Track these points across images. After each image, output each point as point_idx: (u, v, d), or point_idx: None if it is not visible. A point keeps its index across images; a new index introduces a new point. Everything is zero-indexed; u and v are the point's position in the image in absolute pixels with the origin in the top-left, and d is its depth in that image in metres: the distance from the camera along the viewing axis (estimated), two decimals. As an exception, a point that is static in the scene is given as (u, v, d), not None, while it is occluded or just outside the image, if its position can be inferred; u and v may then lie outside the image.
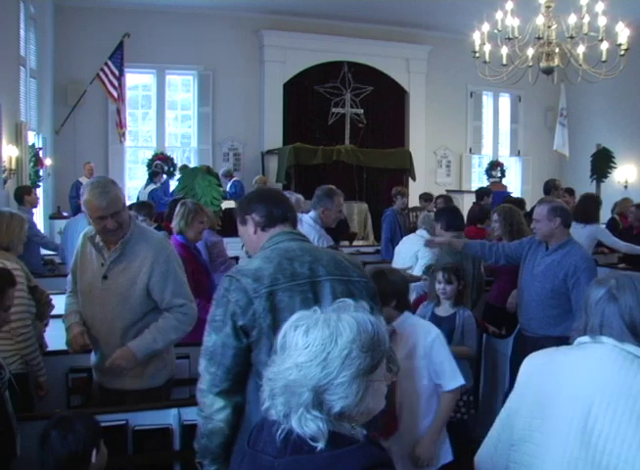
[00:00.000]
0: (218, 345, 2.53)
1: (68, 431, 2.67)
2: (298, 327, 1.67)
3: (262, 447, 1.70)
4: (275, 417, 1.66)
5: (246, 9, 14.47)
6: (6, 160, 7.95)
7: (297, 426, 1.61)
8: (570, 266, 4.70)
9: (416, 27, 15.62)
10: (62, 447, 2.64)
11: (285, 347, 1.67)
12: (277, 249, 2.67)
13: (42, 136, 11.70)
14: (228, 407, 2.55)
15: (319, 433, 1.60)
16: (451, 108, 16.74)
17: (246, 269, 2.60)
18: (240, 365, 2.53)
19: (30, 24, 10.67)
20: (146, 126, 15.66)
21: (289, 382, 1.61)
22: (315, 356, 1.60)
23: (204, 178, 10.84)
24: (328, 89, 15.38)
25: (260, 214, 2.78)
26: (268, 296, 2.51)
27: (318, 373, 1.59)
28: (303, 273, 2.58)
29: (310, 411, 1.60)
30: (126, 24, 13.79)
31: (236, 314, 2.50)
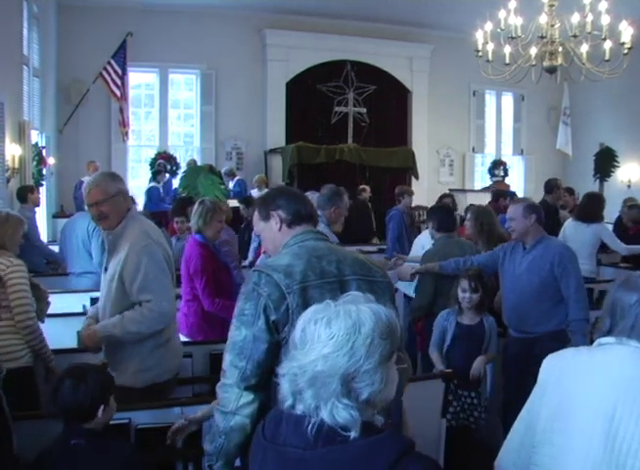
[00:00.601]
0: (249, 339, 2.49)
1: (80, 382, 2.79)
2: (318, 320, 1.71)
3: (285, 441, 1.72)
4: (302, 412, 1.70)
5: (248, 8, 14.46)
6: (9, 159, 7.96)
7: (328, 417, 1.65)
8: (554, 256, 4.77)
9: (419, 26, 15.60)
10: (71, 398, 2.77)
11: (305, 340, 1.71)
12: (304, 246, 2.67)
13: (45, 135, 11.71)
14: (256, 402, 2.51)
15: (352, 421, 1.64)
16: (454, 107, 16.73)
17: (276, 264, 2.58)
18: (270, 360, 2.49)
19: (33, 23, 10.67)
20: (149, 125, 15.66)
21: (316, 374, 1.65)
22: (341, 346, 1.65)
23: (206, 177, 10.87)
24: (331, 88, 15.37)
25: (287, 211, 2.76)
26: (301, 292, 2.49)
27: (345, 362, 1.64)
28: (332, 272, 2.59)
29: (341, 400, 1.64)
30: (129, 23, 13.79)
31: (268, 308, 2.48)
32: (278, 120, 15.18)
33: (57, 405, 2.82)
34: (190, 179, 10.81)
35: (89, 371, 2.88)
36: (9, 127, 7.83)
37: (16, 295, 3.93)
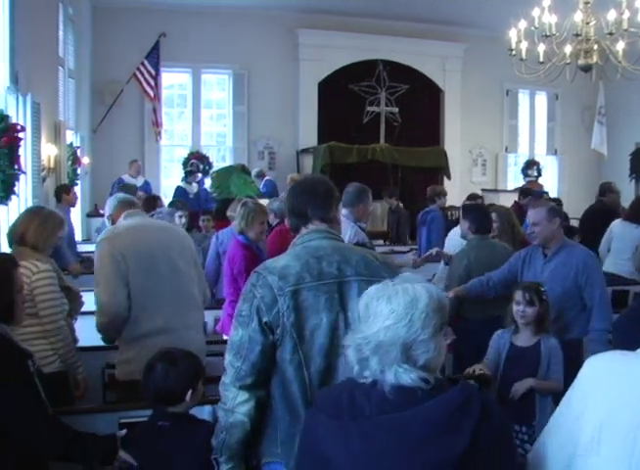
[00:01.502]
0: (245, 340, 2.55)
1: (172, 367, 2.97)
2: (380, 298, 1.93)
3: (370, 412, 1.88)
4: (366, 377, 1.92)
5: (281, 7, 14.49)
6: (45, 158, 8.05)
7: (394, 379, 1.88)
8: (578, 264, 4.62)
9: (452, 25, 15.48)
10: (162, 381, 2.95)
11: (369, 315, 1.93)
12: (307, 247, 2.67)
13: (80, 135, 11.83)
14: (251, 401, 2.58)
15: (415, 382, 1.87)
16: (487, 106, 16.59)
17: (273, 266, 2.62)
18: (265, 361, 2.56)
19: (69, 25, 10.79)
20: (181, 125, 15.75)
21: (379, 343, 1.88)
22: (401, 319, 1.88)
23: (239, 177, 10.91)
24: (363, 88, 15.33)
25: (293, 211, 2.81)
26: (292, 294, 2.52)
27: (405, 332, 1.87)
28: (331, 273, 2.58)
29: (402, 365, 1.87)
30: (162, 24, 13.90)
31: (261, 310, 2.53)
32: (310, 120, 15.18)
33: (147, 389, 2.99)
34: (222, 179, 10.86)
35: (180, 356, 3.04)
36: (45, 127, 7.92)
37: (43, 304, 3.86)
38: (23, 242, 4.05)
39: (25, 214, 4.27)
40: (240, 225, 5.38)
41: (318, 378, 2.55)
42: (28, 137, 6.65)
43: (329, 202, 2.78)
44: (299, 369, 2.54)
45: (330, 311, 2.55)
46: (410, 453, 1.80)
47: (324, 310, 2.54)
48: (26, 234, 4.06)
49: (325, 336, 2.54)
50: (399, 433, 1.82)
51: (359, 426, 1.86)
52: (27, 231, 4.07)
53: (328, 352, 2.54)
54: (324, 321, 2.54)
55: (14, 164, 5.39)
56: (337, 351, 2.54)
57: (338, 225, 2.83)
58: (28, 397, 2.70)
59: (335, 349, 2.54)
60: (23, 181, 6.40)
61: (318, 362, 2.55)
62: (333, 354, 2.55)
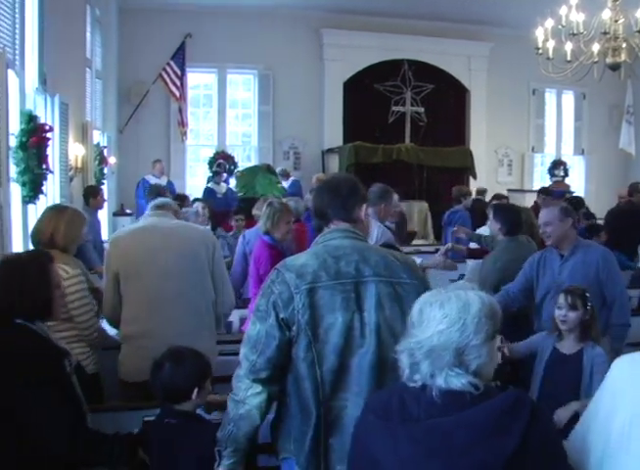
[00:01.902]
0: (262, 334, 2.58)
1: (178, 366, 2.99)
2: (433, 303, 1.96)
3: (419, 415, 1.91)
4: (416, 381, 1.94)
5: (305, 7, 14.50)
6: (72, 158, 8.12)
7: (443, 383, 1.90)
8: (598, 260, 4.59)
9: (477, 24, 15.40)
10: (169, 379, 2.97)
11: (422, 320, 1.96)
12: (327, 246, 2.69)
13: (107, 135, 11.93)
14: (263, 394, 2.61)
15: (467, 387, 1.88)
16: (513, 106, 16.47)
17: (291, 264, 2.64)
18: (281, 357, 2.59)
19: (96, 27, 10.88)
20: (207, 125, 15.82)
21: (432, 347, 1.90)
22: (454, 323, 1.90)
23: (264, 176, 10.94)
24: (388, 87, 15.31)
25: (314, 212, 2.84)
26: (308, 292, 2.54)
27: (457, 337, 1.89)
28: (349, 273, 2.59)
29: (454, 369, 1.89)
30: (188, 25, 13.97)
31: (278, 306, 2.55)
32: (335, 120, 15.18)
33: (155, 386, 3.02)
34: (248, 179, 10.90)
35: (187, 355, 3.05)
36: (72, 127, 7.99)
37: (77, 310, 3.81)
38: (53, 244, 3.94)
39: (51, 215, 4.10)
40: (265, 225, 5.38)
41: (331, 377, 2.56)
42: (56, 137, 6.71)
43: (352, 202, 2.76)
44: (312, 367, 2.56)
45: (346, 311, 2.55)
46: (457, 457, 1.81)
47: (340, 310, 2.55)
48: (56, 235, 3.96)
49: (339, 335, 2.55)
50: (447, 437, 1.83)
51: (408, 429, 1.89)
52: (57, 232, 3.97)
53: (342, 351, 2.55)
54: (339, 320, 2.55)
55: (42, 163, 5.44)
56: (351, 350, 2.56)
57: (362, 225, 2.80)
58: (55, 398, 2.68)
59: (349, 348, 2.55)
60: (51, 181, 6.46)
61: (331, 361, 2.55)
62: (347, 354, 2.56)
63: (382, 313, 2.57)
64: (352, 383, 2.57)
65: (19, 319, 2.77)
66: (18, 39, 5.60)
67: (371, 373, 2.55)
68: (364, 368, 2.55)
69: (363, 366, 2.55)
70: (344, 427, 2.55)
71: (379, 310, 2.56)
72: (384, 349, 2.54)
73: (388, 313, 2.57)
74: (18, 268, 2.85)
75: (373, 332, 2.55)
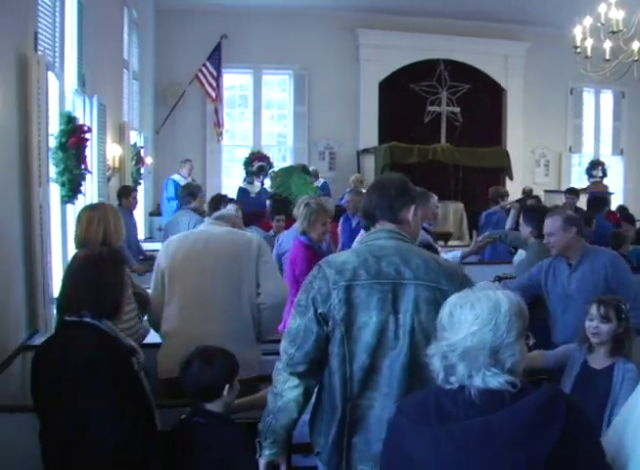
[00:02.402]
0: (301, 328, 2.63)
1: (208, 365, 3.01)
2: (463, 305, 1.98)
3: (458, 416, 1.91)
4: (452, 384, 1.95)
5: (341, 8, 14.48)
6: (110, 158, 8.21)
7: (481, 383, 1.92)
8: (606, 267, 4.49)
9: (514, 23, 15.24)
10: (199, 378, 2.99)
11: (453, 322, 1.97)
12: (371, 245, 2.71)
13: (143, 135, 12.03)
14: (300, 387, 2.66)
15: (503, 386, 1.90)
16: (550, 105, 16.28)
17: (333, 260, 2.70)
18: (318, 351, 2.63)
19: (133, 29, 10.99)
20: (242, 125, 15.89)
21: (467, 348, 1.92)
22: (486, 324, 1.92)
23: (299, 177, 10.95)
24: (424, 87, 15.24)
25: (362, 213, 2.87)
26: (345, 289, 2.58)
27: (491, 337, 1.91)
28: (389, 274, 2.59)
29: (490, 369, 1.91)
30: (224, 26, 14.03)
31: (317, 301, 2.60)
32: (371, 120, 15.15)
33: (185, 385, 3.04)
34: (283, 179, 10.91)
35: (216, 354, 3.07)
36: (110, 128, 8.07)
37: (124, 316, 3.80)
38: (107, 244, 3.97)
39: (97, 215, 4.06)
40: (302, 226, 5.40)
41: (360, 375, 2.58)
42: (94, 138, 6.79)
43: (399, 203, 2.76)
44: (343, 363, 2.59)
45: (381, 311, 2.57)
46: (499, 455, 1.83)
47: (375, 309, 2.57)
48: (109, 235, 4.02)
49: (372, 335, 2.57)
50: (488, 435, 1.84)
51: (448, 429, 1.89)
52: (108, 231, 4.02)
53: (373, 350, 2.57)
54: (373, 320, 2.56)
55: (80, 163, 5.50)
56: (383, 351, 2.57)
57: (408, 227, 2.79)
58: (118, 397, 2.69)
59: (381, 348, 2.57)
60: (89, 181, 6.53)
61: (362, 360, 2.58)
62: (378, 354, 2.57)
63: (417, 317, 2.56)
64: (382, 384, 2.58)
65: (87, 317, 2.80)
66: (57, 42, 5.66)
67: (402, 375, 2.55)
68: (395, 370, 2.56)
69: (395, 368, 2.56)
70: (370, 427, 2.58)
71: (415, 313, 2.56)
72: (416, 352, 2.53)
73: (423, 317, 2.56)
74: (94, 266, 2.89)
75: (407, 334, 2.55)
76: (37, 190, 4.51)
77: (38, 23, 4.95)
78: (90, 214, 4.07)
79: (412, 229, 2.83)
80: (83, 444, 2.67)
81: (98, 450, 2.67)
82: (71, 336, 2.79)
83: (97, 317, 2.81)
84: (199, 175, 13.74)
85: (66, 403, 2.69)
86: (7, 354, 4.03)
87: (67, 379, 2.69)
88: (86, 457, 2.68)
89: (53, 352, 2.79)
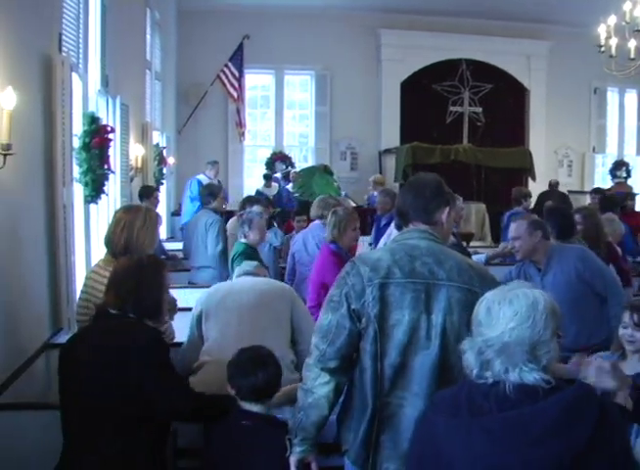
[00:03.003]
0: (333, 324, 2.63)
1: (258, 367, 3.02)
2: (501, 301, 2.01)
3: (490, 409, 1.94)
4: (486, 379, 1.97)
5: (362, 8, 14.49)
6: (133, 158, 8.25)
7: (516, 379, 1.93)
8: (576, 264, 4.49)
9: (537, 22, 15.17)
10: (263, 380, 3.01)
11: (491, 318, 2.00)
12: (404, 244, 2.71)
13: (166, 136, 12.09)
14: (331, 383, 2.65)
15: (538, 381, 1.92)
16: (574, 105, 16.18)
17: (367, 257, 2.71)
18: (350, 347, 2.64)
19: (155, 30, 11.04)
20: (264, 126, 15.95)
21: (504, 344, 1.94)
22: (524, 320, 1.95)
23: (321, 177, 10.97)
24: (446, 88, 15.19)
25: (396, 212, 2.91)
26: (380, 286, 2.58)
27: (529, 333, 1.94)
28: (422, 273, 2.60)
29: (527, 365, 1.93)
30: (245, 27, 14.08)
31: (350, 297, 2.60)
32: (392, 120, 15.15)
33: (235, 387, 3.04)
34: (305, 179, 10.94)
35: (267, 356, 3.11)
36: (133, 128, 8.12)
37: None
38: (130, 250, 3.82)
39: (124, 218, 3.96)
40: (332, 234, 5.33)
41: (391, 372, 2.59)
42: (117, 138, 6.82)
43: (434, 205, 2.76)
44: (374, 360, 2.60)
45: (413, 310, 2.57)
46: (532, 449, 1.84)
47: (408, 308, 2.57)
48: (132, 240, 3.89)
49: (404, 333, 2.57)
50: (520, 428, 1.86)
51: (480, 422, 1.92)
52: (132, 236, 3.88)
53: (404, 349, 2.57)
54: (406, 318, 2.57)
55: (104, 164, 5.53)
56: (414, 350, 2.57)
57: (441, 228, 2.78)
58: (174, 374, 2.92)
59: (412, 347, 2.57)
60: (112, 181, 6.57)
61: (393, 357, 2.58)
62: (409, 353, 2.58)
63: (450, 318, 2.57)
64: (413, 383, 2.58)
65: (130, 314, 2.91)
66: (81, 43, 5.70)
67: (432, 376, 2.56)
68: (425, 370, 2.56)
69: (425, 368, 2.57)
70: (399, 425, 2.58)
71: (447, 314, 2.57)
72: (447, 353, 2.55)
73: (456, 318, 2.57)
74: (136, 268, 2.99)
75: (438, 335, 2.56)
76: (61, 190, 4.54)
77: (62, 25, 4.99)
78: (120, 216, 3.96)
79: (444, 231, 2.82)
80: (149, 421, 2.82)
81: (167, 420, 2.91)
82: (119, 325, 2.90)
83: (139, 317, 2.91)
84: (220, 175, 13.78)
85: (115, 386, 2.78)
86: (31, 353, 4.07)
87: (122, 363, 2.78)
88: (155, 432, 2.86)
89: (92, 339, 2.91)
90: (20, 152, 3.62)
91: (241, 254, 5.92)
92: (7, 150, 3.39)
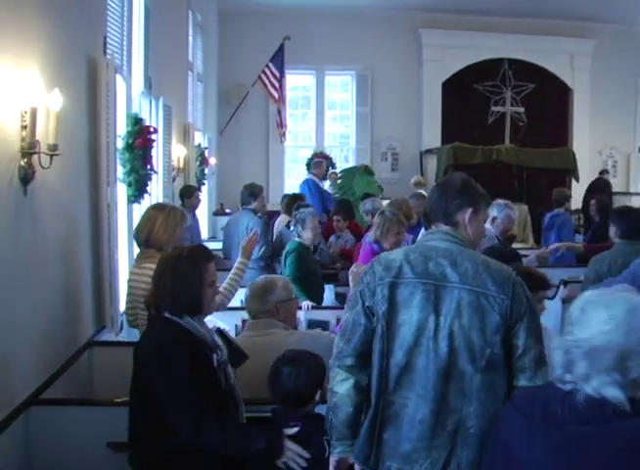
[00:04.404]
0: (349, 321, 2.69)
1: (298, 370, 3.00)
2: (597, 303, 1.91)
3: (561, 420, 1.84)
4: (565, 383, 1.88)
5: (403, 8, 14.44)
6: (175, 159, 8.33)
7: (593, 391, 1.82)
8: None
9: (580, 20, 14.92)
10: (292, 384, 2.98)
11: (584, 318, 1.90)
12: (423, 246, 2.72)
13: (207, 136, 12.19)
14: (349, 381, 2.65)
15: (617, 396, 1.78)
16: (618, 104, 15.88)
17: (384, 257, 2.74)
18: (365, 344, 2.65)
19: (197, 32, 11.14)
20: (305, 126, 15.99)
21: (593, 347, 1.83)
22: (620, 326, 1.83)
23: (362, 177, 10.95)
24: (487, 87, 15.08)
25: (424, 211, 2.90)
26: (390, 285, 2.60)
27: (622, 340, 1.81)
28: (434, 274, 2.58)
29: (611, 374, 1.81)
30: (286, 27, 14.09)
31: (364, 295, 2.65)
32: (433, 121, 15.07)
33: (275, 392, 3.04)
34: (346, 180, 10.93)
35: (305, 358, 3.08)
36: (175, 129, 8.21)
37: None
38: (150, 243, 4.11)
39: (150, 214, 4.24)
40: (375, 234, 5.47)
41: (397, 371, 2.58)
42: (160, 139, 6.90)
43: (454, 206, 2.72)
44: (381, 357, 2.61)
45: (421, 310, 2.55)
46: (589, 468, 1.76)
47: (416, 308, 2.56)
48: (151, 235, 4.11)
49: (411, 332, 2.56)
50: (578, 448, 1.77)
51: (546, 430, 1.86)
52: (152, 231, 4.11)
53: (410, 348, 2.56)
54: (413, 318, 2.56)
55: (147, 164, 5.60)
56: (420, 350, 2.55)
57: (464, 229, 2.72)
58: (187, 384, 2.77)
59: (418, 348, 2.55)
60: (155, 181, 6.65)
61: (399, 356, 2.58)
62: (415, 353, 2.56)
63: (458, 321, 2.52)
64: (417, 384, 2.56)
65: (167, 313, 2.90)
66: (125, 46, 5.79)
67: (437, 379, 2.52)
68: (430, 372, 2.53)
69: (430, 370, 2.53)
70: (401, 425, 2.58)
71: (456, 317, 2.52)
72: (454, 356, 2.51)
73: (465, 322, 2.52)
74: (171, 264, 2.97)
75: (446, 337, 2.52)
76: (105, 190, 4.60)
77: (107, 28, 5.07)
78: (148, 213, 4.26)
79: (469, 232, 2.73)
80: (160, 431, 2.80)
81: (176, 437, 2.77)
82: (148, 329, 2.96)
83: (176, 313, 2.90)
84: (262, 176, 13.88)
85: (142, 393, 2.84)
86: (74, 350, 4.15)
87: (139, 369, 2.85)
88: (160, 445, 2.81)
89: (137, 347, 2.96)
90: (66, 152, 3.68)
91: (293, 251, 6.11)
92: (54, 150, 3.45)
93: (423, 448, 2.53)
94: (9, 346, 3.18)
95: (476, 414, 2.51)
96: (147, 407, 2.85)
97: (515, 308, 2.53)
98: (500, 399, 2.53)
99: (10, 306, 3.19)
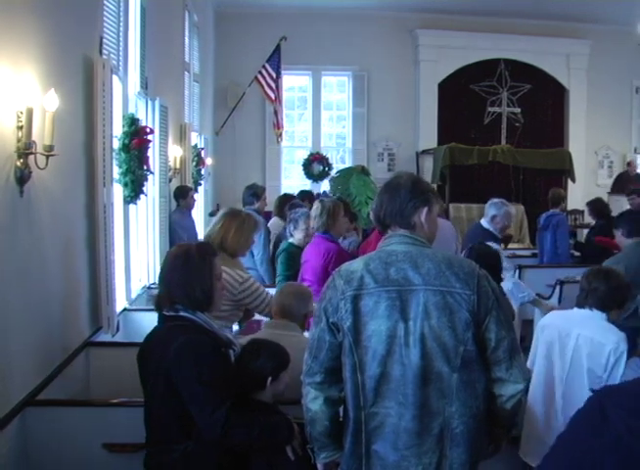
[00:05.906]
0: (315, 338, 2.65)
1: (254, 356, 3.09)
2: None
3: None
4: None
5: (399, 8, 14.43)
6: (171, 159, 8.32)
7: None
8: None
9: (576, 21, 14.94)
10: (245, 368, 3.06)
11: None
12: (382, 251, 2.65)
13: (204, 137, 12.18)
14: (320, 398, 2.64)
15: None
16: (614, 105, 15.91)
17: (345, 269, 2.66)
18: (332, 360, 2.62)
19: (194, 32, 11.13)
20: (302, 127, 15.97)
21: None
22: None
23: (358, 178, 10.95)
24: (484, 88, 15.09)
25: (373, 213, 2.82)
26: (353, 298, 2.55)
27: None
28: (396, 280, 2.53)
29: None
30: (283, 28, 14.09)
31: (327, 311, 2.60)
32: (430, 121, 15.07)
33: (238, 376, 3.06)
34: (342, 181, 10.93)
35: (263, 346, 3.15)
36: (172, 130, 8.20)
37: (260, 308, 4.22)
38: (224, 248, 4.29)
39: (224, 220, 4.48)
40: (319, 225, 5.56)
41: (373, 383, 2.55)
42: (156, 139, 6.89)
43: (410, 208, 2.66)
44: (354, 372, 2.57)
45: (388, 319, 2.51)
46: None
47: (382, 317, 2.52)
48: (225, 240, 4.33)
49: (382, 343, 2.52)
50: None
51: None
52: (227, 236, 4.35)
53: (383, 359, 2.52)
54: (382, 328, 2.52)
55: (143, 164, 5.60)
56: (393, 359, 2.52)
57: (422, 229, 2.67)
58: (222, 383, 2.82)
59: (391, 357, 2.52)
60: (151, 181, 6.64)
61: (373, 368, 2.54)
62: (389, 363, 2.52)
63: (428, 323, 2.49)
64: (396, 392, 2.53)
65: (181, 309, 2.93)
66: (122, 46, 5.78)
67: (415, 384, 2.50)
68: (408, 378, 2.51)
69: (407, 376, 2.51)
70: (387, 436, 2.55)
71: (425, 320, 2.49)
72: (429, 359, 2.49)
73: (435, 323, 2.49)
74: (181, 259, 3.00)
75: (417, 342, 2.49)
76: (101, 190, 4.60)
77: (103, 28, 5.07)
78: (222, 218, 4.51)
79: (426, 231, 2.69)
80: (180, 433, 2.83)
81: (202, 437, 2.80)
82: (168, 329, 2.93)
83: (191, 310, 2.93)
84: (258, 176, 13.88)
85: (166, 395, 2.82)
86: (71, 351, 4.14)
87: (159, 369, 2.83)
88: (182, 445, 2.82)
89: (156, 347, 2.92)
90: (62, 153, 3.67)
91: (283, 251, 6.20)
92: (49, 151, 3.44)
93: (412, 456, 2.52)
94: (5, 346, 3.18)
95: (459, 413, 2.51)
96: (166, 408, 2.85)
97: (482, 303, 2.52)
98: (480, 394, 2.55)
99: (6, 307, 3.19)
